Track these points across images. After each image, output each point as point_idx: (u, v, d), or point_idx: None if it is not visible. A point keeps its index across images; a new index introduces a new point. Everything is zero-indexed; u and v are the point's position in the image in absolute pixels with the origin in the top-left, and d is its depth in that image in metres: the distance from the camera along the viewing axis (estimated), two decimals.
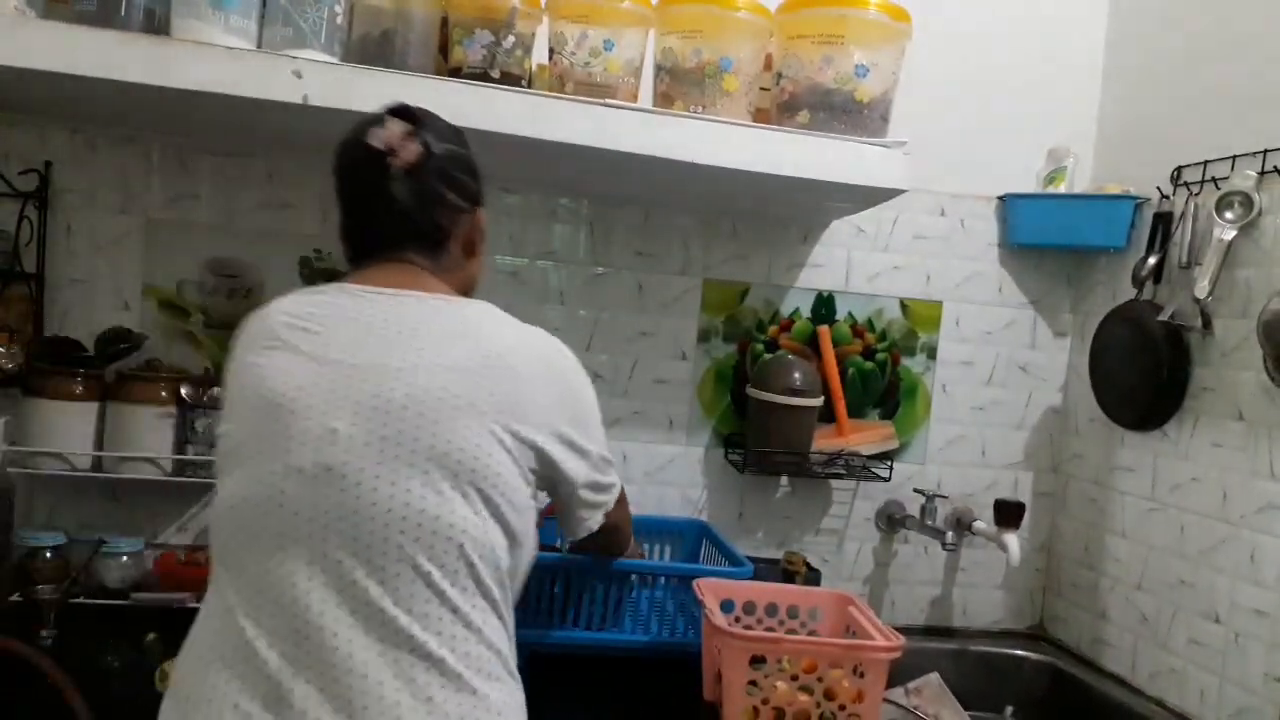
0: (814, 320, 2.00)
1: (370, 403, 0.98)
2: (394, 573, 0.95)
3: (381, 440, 0.97)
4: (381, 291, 1.06)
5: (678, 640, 1.64)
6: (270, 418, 0.99)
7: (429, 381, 0.99)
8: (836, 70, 1.51)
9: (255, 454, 0.99)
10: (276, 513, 0.96)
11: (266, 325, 1.06)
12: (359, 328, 1.03)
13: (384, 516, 0.95)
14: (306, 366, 1.01)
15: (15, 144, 1.67)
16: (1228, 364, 1.65)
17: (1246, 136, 1.63)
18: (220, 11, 1.34)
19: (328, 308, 1.06)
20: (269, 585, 0.95)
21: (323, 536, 0.95)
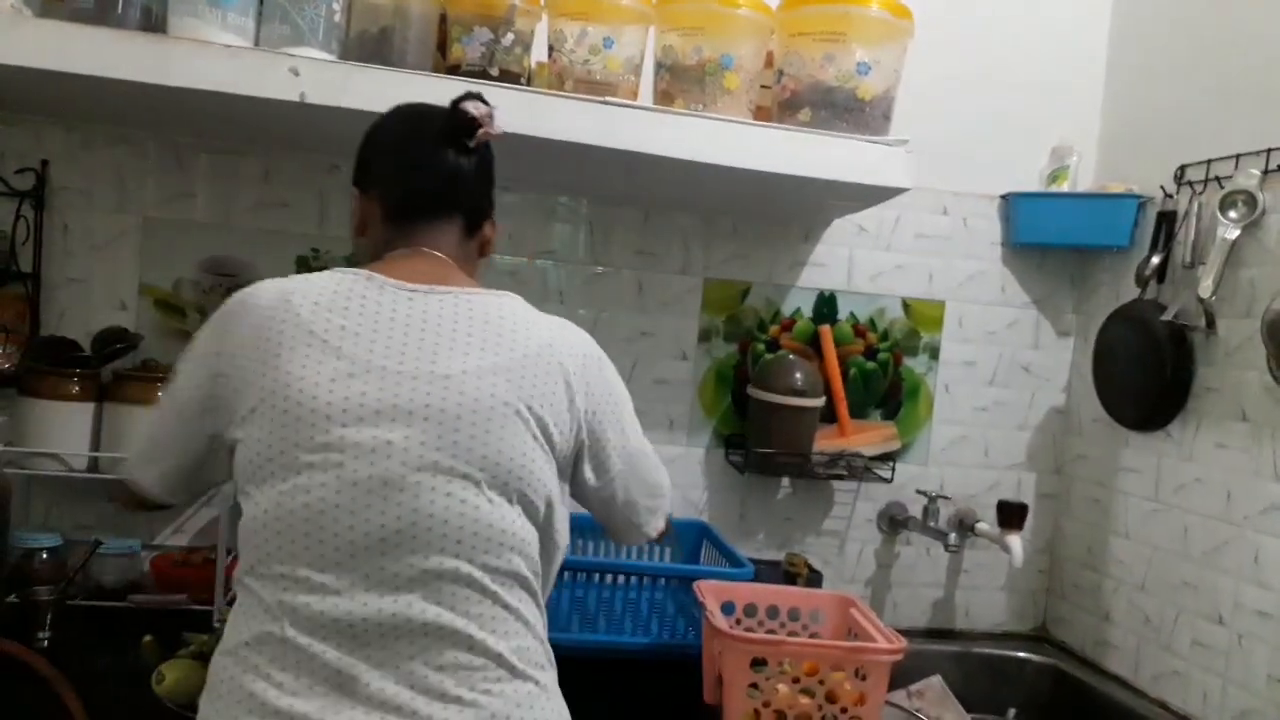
0: (815, 320, 1.99)
1: (422, 413, 0.98)
2: (449, 580, 0.97)
3: (436, 451, 0.98)
4: (414, 287, 1.05)
5: (678, 642, 1.64)
6: (314, 427, 0.97)
7: (477, 389, 1.00)
8: (838, 68, 1.50)
9: (299, 465, 0.97)
10: (331, 526, 0.95)
11: (295, 317, 1.01)
12: (399, 328, 1.02)
13: (441, 528, 0.97)
14: (352, 373, 0.98)
15: (11, 143, 1.66)
16: (1231, 364, 1.64)
17: (1250, 135, 1.62)
18: (217, 9, 1.33)
19: (361, 301, 1.03)
20: (324, 596, 0.95)
21: (380, 549, 0.95)
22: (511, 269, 1.87)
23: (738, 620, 1.58)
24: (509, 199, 1.86)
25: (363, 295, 1.03)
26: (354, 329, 1.01)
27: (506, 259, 1.86)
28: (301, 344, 1.00)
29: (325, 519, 0.96)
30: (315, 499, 0.96)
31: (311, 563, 0.96)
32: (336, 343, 1.00)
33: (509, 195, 1.86)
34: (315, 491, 0.96)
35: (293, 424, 0.98)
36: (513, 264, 1.87)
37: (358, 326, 1.01)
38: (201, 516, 1.75)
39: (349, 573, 0.95)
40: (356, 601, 0.95)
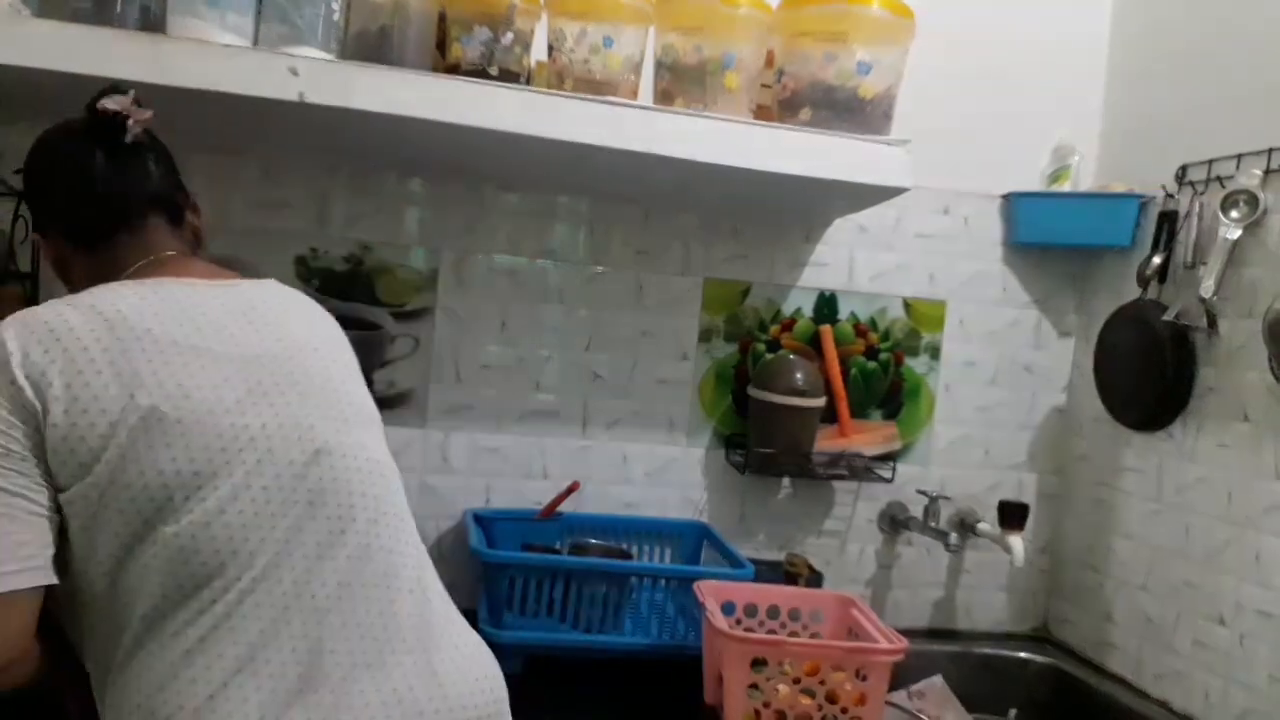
0: (816, 320, 1.99)
1: (305, 384, 1.04)
2: (388, 522, 1.08)
3: (342, 415, 1.05)
4: (211, 284, 1.06)
5: (678, 643, 1.63)
6: (227, 433, 0.96)
7: (329, 354, 1.11)
8: (839, 67, 1.50)
9: (234, 466, 0.95)
10: (289, 509, 0.98)
11: (143, 326, 0.96)
12: (235, 320, 1.04)
13: (368, 479, 1.05)
14: (228, 368, 0.99)
15: (10, 142, 1.64)
16: (1233, 364, 1.64)
17: (1252, 135, 1.62)
18: (216, 9, 1.33)
19: (174, 305, 1.00)
20: (280, 579, 0.96)
21: (337, 515, 1.01)
22: (511, 269, 1.86)
23: (738, 620, 1.57)
24: (509, 199, 1.86)
25: (169, 296, 1.03)
26: (201, 328, 1.03)
27: (506, 259, 1.86)
28: (170, 352, 1.01)
29: (276, 503, 1.02)
30: (265, 488, 1.02)
31: (266, 548, 1.02)
32: (194, 342, 1.03)
33: (509, 195, 1.86)
34: (262, 483, 1.02)
35: (195, 439, 1.00)
36: (513, 264, 1.87)
37: (199, 326, 1.03)
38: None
39: (305, 544, 1.02)
40: (314, 573, 1.01)
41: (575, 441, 1.90)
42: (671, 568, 1.81)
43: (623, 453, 1.92)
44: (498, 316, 1.86)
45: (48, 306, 0.97)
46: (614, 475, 1.92)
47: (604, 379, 1.91)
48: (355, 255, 1.79)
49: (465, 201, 1.84)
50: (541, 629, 1.59)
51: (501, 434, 1.87)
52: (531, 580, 1.60)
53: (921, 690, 1.78)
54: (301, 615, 0.95)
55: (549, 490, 1.83)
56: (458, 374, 1.85)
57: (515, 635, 1.56)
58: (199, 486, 0.93)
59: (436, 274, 1.83)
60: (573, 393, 1.90)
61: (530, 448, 1.89)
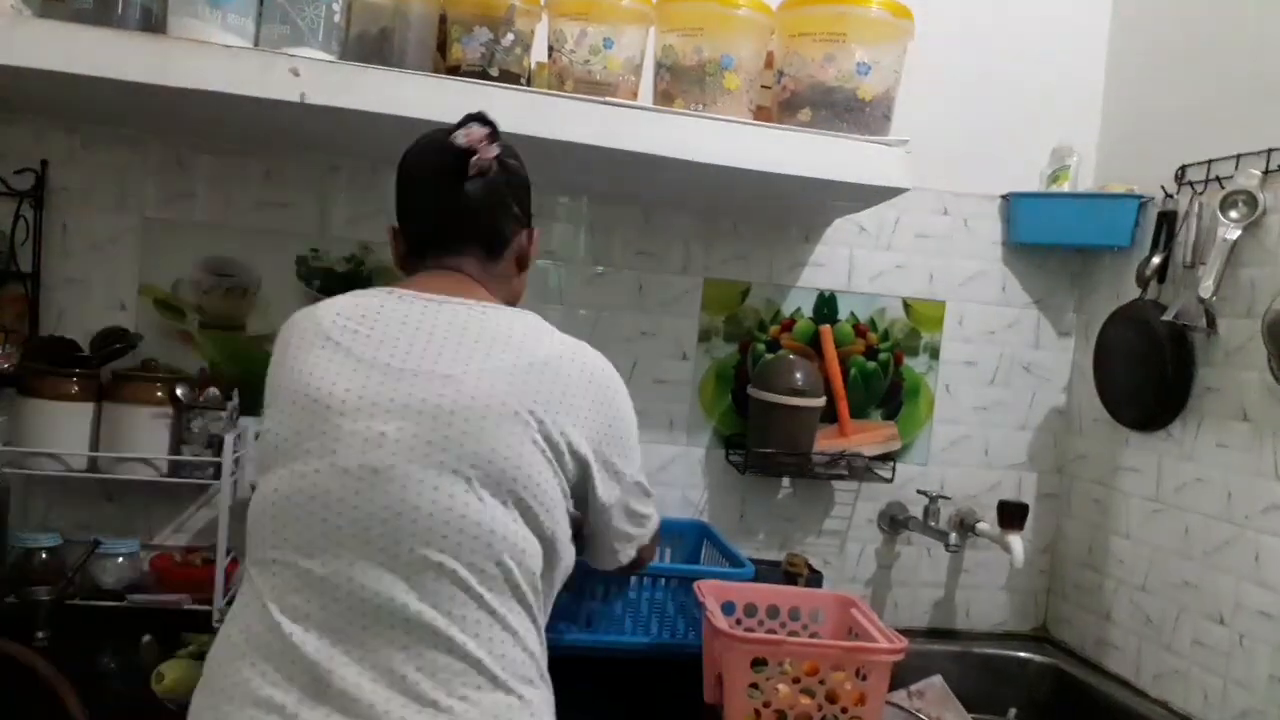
0: (816, 320, 1.99)
1: (418, 407, 1.00)
2: (433, 576, 0.96)
3: (427, 445, 0.98)
4: (431, 297, 1.08)
5: (678, 642, 1.63)
6: (318, 418, 1.00)
7: (475, 388, 1.01)
8: (838, 68, 1.50)
9: (300, 453, 1.00)
10: (320, 512, 0.97)
11: (317, 325, 1.07)
12: (408, 331, 1.05)
13: (426, 520, 0.97)
14: (356, 368, 1.02)
15: (11, 143, 1.66)
16: (1232, 364, 1.64)
17: (1251, 135, 1.62)
18: (217, 9, 1.33)
19: (378, 310, 1.07)
20: (309, 582, 0.96)
21: (365, 538, 0.96)
22: None
23: (738, 620, 1.57)
24: None
25: (380, 305, 1.08)
26: (365, 332, 1.05)
27: None
28: (316, 345, 1.05)
29: (315, 504, 0.98)
30: (308, 484, 0.99)
31: (300, 547, 0.97)
32: (347, 343, 1.04)
33: None
34: (309, 478, 0.99)
35: (295, 413, 1.02)
36: None
37: (369, 330, 1.05)
38: (201, 516, 1.75)
39: (334, 559, 0.96)
40: (340, 589, 0.95)
41: None
42: (671, 567, 1.81)
43: None
44: None
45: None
46: None
47: None
48: (356, 255, 1.80)
49: None
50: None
51: None
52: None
53: (921, 690, 1.78)
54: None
55: None
56: None
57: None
58: (278, 455, 1.02)
59: None
60: None
61: None
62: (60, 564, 1.58)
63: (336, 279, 1.79)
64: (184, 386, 1.62)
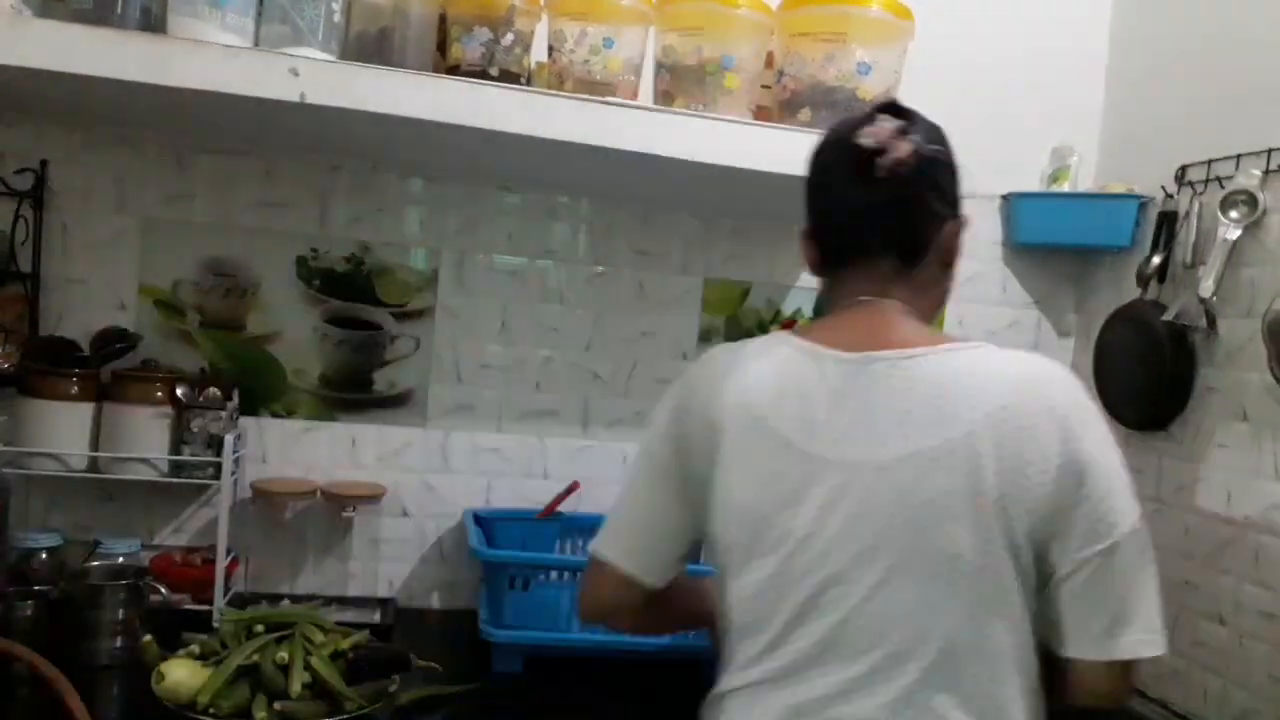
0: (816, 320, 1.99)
1: (857, 510, 0.92)
2: (883, 678, 0.91)
3: (873, 550, 0.91)
4: (850, 358, 0.97)
5: (678, 642, 1.63)
6: (765, 524, 0.96)
7: (916, 480, 0.91)
8: (839, 68, 1.50)
9: (753, 558, 0.97)
10: (782, 611, 0.95)
11: (744, 405, 0.99)
12: (845, 414, 0.95)
13: (877, 625, 0.91)
14: (798, 464, 0.95)
15: (11, 143, 1.66)
16: (1232, 364, 1.64)
17: (1251, 135, 1.62)
18: (217, 9, 1.33)
19: (799, 383, 0.98)
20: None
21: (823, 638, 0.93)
22: (512, 269, 1.87)
23: None
24: (509, 199, 1.86)
25: (801, 375, 0.99)
26: (795, 414, 0.97)
27: (507, 259, 1.86)
28: (749, 433, 0.98)
29: (771, 609, 0.96)
30: (767, 589, 0.96)
31: (772, 637, 0.96)
32: (784, 432, 0.96)
33: (509, 195, 1.86)
34: (766, 584, 0.96)
35: (739, 519, 0.98)
36: (513, 264, 1.87)
37: (800, 412, 0.97)
38: (201, 516, 1.75)
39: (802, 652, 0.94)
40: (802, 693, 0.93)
41: (575, 441, 1.91)
42: None
43: (623, 453, 1.92)
44: (498, 316, 1.86)
45: (723, 349, 1.08)
46: (614, 475, 1.92)
47: (604, 379, 1.91)
48: (356, 255, 1.80)
49: (465, 202, 1.84)
50: (541, 628, 1.59)
51: (502, 434, 1.88)
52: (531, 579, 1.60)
53: None
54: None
55: (549, 490, 1.83)
56: (458, 374, 1.85)
57: (515, 635, 1.57)
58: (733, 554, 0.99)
59: (437, 274, 1.83)
60: (573, 393, 1.90)
61: (530, 447, 1.89)
62: (60, 564, 1.58)
63: (336, 279, 1.79)
64: (184, 386, 1.62)
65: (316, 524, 1.79)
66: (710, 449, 1.01)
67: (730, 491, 1.00)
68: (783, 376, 1.00)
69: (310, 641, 1.37)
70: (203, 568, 1.64)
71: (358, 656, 1.39)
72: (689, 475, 1.04)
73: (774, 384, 0.99)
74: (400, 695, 1.38)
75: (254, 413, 1.76)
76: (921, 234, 1.03)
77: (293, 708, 1.28)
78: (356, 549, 1.82)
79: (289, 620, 1.41)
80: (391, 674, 1.40)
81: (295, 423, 1.79)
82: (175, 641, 1.40)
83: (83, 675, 1.30)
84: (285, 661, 1.32)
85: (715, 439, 1.01)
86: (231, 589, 1.66)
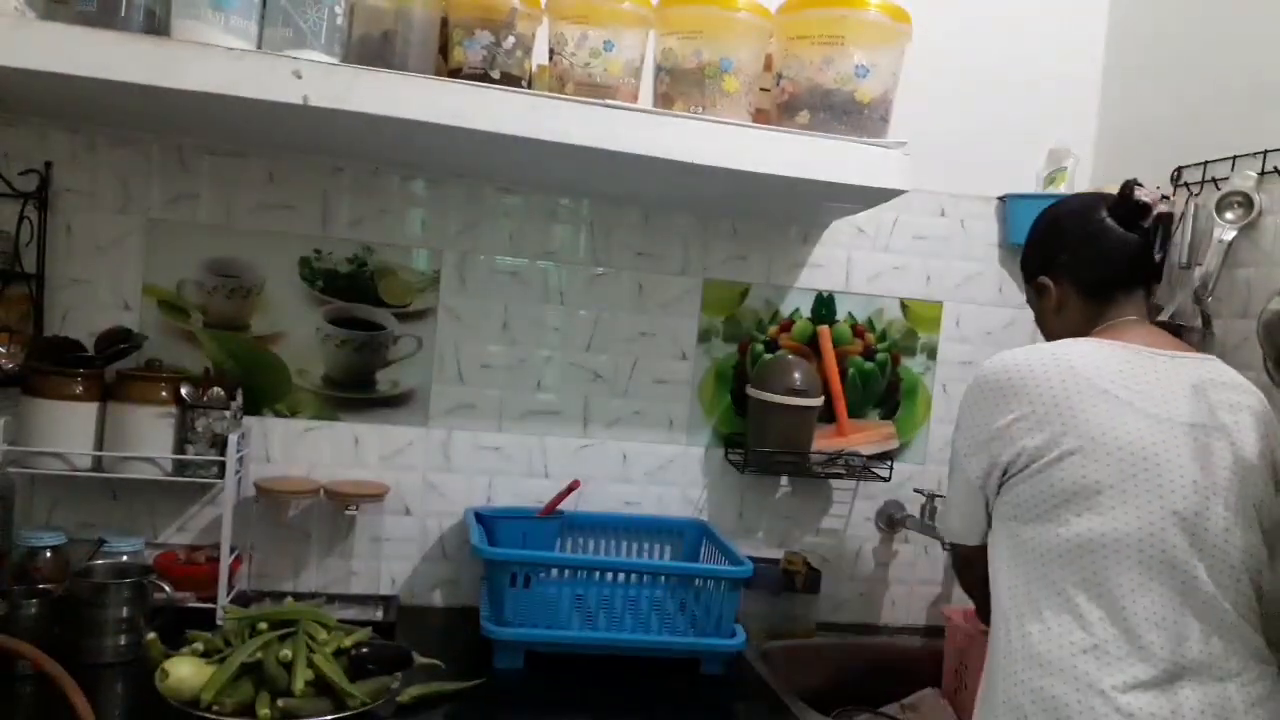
0: (814, 320, 2.00)
1: (1206, 458, 1.15)
2: (1236, 596, 1.13)
3: (1225, 490, 1.14)
4: (1161, 353, 1.23)
5: (677, 639, 1.64)
6: (1138, 466, 1.13)
7: (1237, 436, 1.17)
8: (837, 71, 1.51)
9: (1127, 495, 1.12)
10: (1160, 553, 1.11)
11: (1086, 382, 1.18)
12: (1159, 385, 1.19)
13: (1234, 556, 1.13)
14: (1155, 425, 1.16)
15: (15, 144, 1.67)
16: (1228, 364, 1.64)
17: (1247, 137, 1.63)
18: (220, 12, 1.34)
19: (1140, 369, 1.20)
20: (1140, 610, 1.10)
21: (1194, 574, 1.11)
22: (513, 270, 1.88)
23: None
24: (510, 200, 1.87)
25: (1136, 361, 1.21)
26: (1138, 388, 1.18)
27: (508, 260, 1.88)
28: (1112, 396, 1.17)
29: (1154, 544, 1.13)
30: (1147, 526, 1.13)
31: (1136, 582, 1.13)
32: (1132, 400, 1.17)
33: (510, 196, 1.87)
34: (1147, 520, 1.13)
35: (1112, 460, 1.14)
36: (514, 265, 1.88)
37: (1139, 385, 1.18)
38: (205, 515, 1.76)
39: (1167, 589, 1.12)
40: (1171, 615, 1.11)
41: (576, 440, 1.92)
42: (671, 565, 1.82)
43: (623, 452, 1.93)
44: (499, 317, 1.88)
45: (1023, 350, 1.24)
46: (614, 474, 1.94)
47: (604, 379, 1.92)
48: (359, 256, 1.81)
49: (467, 203, 1.85)
50: (542, 626, 1.61)
51: (503, 433, 1.89)
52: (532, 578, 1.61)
53: (914, 703, 1.79)
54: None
55: (550, 489, 1.85)
56: (460, 374, 1.86)
57: (516, 632, 1.58)
58: (1087, 504, 1.15)
59: (439, 275, 1.84)
60: (573, 392, 1.91)
61: (531, 447, 1.90)
62: (64, 562, 1.59)
63: (339, 280, 1.80)
64: (188, 386, 1.63)
65: (319, 522, 1.81)
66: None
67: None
68: (1112, 359, 1.22)
69: (313, 639, 1.38)
70: (206, 566, 1.66)
71: (360, 654, 1.40)
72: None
73: (1107, 364, 1.22)
74: (402, 692, 1.39)
75: (257, 412, 1.78)
76: (1160, 269, 1.35)
77: (296, 705, 1.29)
78: (359, 547, 1.83)
79: (292, 618, 1.42)
80: (394, 671, 1.41)
81: (298, 422, 1.80)
82: (179, 639, 1.42)
83: (87, 673, 1.32)
84: (288, 659, 1.33)
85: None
86: (235, 587, 1.68)
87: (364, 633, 1.44)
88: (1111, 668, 1.09)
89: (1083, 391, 1.17)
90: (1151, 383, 1.19)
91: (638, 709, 1.53)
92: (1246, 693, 1.10)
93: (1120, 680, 1.08)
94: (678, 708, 1.56)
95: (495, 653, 1.58)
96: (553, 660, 1.61)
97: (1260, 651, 1.15)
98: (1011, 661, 1.14)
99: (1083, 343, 1.25)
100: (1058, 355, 1.21)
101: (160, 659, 1.35)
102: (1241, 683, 1.11)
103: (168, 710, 1.29)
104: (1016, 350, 1.24)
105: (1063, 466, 1.15)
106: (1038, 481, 1.16)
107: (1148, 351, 1.23)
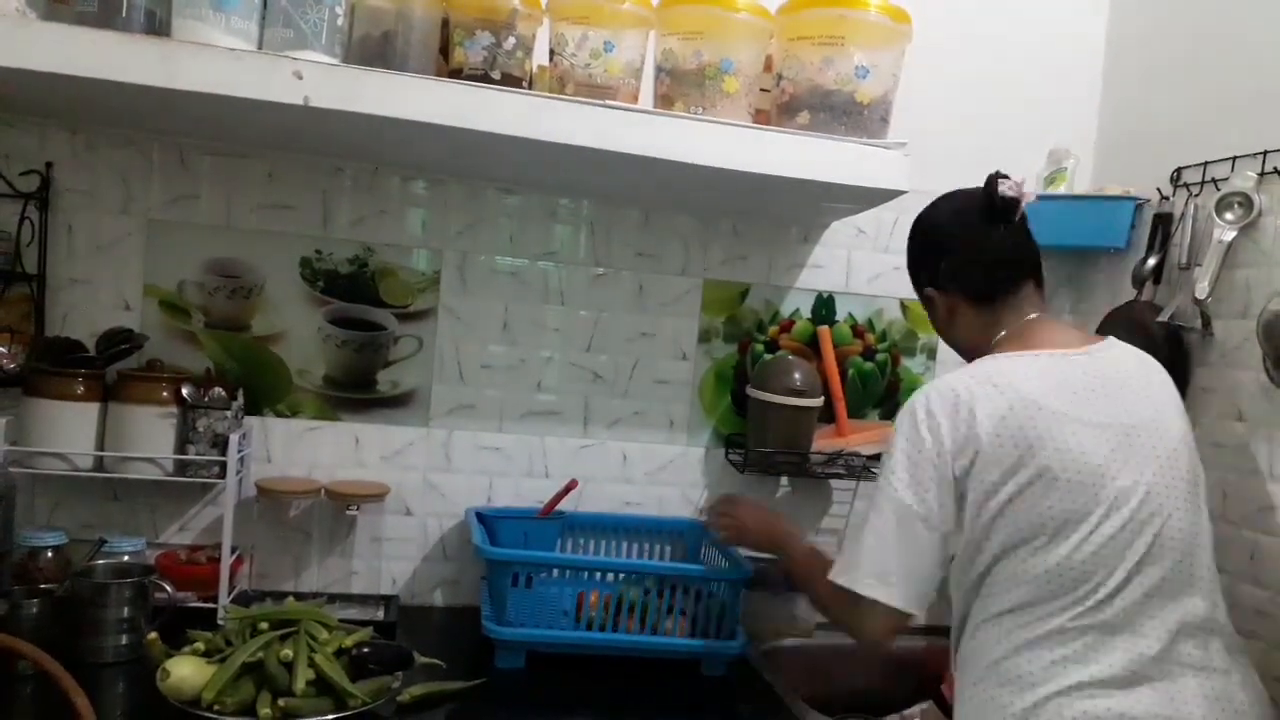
0: (814, 321, 2.00)
1: (1153, 453, 1.20)
2: (1203, 577, 1.20)
3: (1170, 483, 1.20)
4: (1075, 354, 1.26)
5: (677, 640, 1.64)
6: (1090, 485, 1.17)
7: (1172, 425, 1.24)
8: (837, 71, 1.51)
9: (1084, 517, 1.16)
10: (1137, 556, 1.16)
11: (1032, 404, 1.20)
12: (1095, 390, 1.22)
13: (1191, 540, 1.19)
14: (1097, 433, 1.18)
15: (16, 145, 1.67)
16: (1227, 364, 1.65)
17: (1246, 137, 1.63)
18: (221, 13, 1.34)
19: (1064, 376, 1.23)
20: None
21: (1165, 571, 1.17)
22: (513, 270, 1.88)
23: None
24: (511, 200, 1.87)
25: (1056, 366, 1.24)
26: (1071, 397, 1.21)
27: (508, 260, 1.88)
28: (1054, 415, 1.19)
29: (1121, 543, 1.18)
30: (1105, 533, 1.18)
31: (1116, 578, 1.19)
32: (1075, 413, 1.19)
33: (511, 197, 1.87)
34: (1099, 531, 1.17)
35: (1066, 486, 1.17)
36: (514, 265, 1.88)
37: (1071, 393, 1.21)
38: (206, 515, 1.76)
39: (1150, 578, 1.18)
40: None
41: (576, 441, 1.92)
42: (671, 566, 1.82)
43: (623, 452, 1.94)
44: (500, 317, 1.88)
45: (954, 376, 1.25)
46: (614, 474, 1.94)
47: (604, 379, 1.92)
48: (359, 257, 1.81)
49: (467, 203, 1.85)
50: (543, 625, 1.61)
51: (503, 433, 1.89)
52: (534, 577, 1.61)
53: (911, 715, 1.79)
54: (1124, 638, 1.15)
55: (550, 489, 1.85)
56: (460, 374, 1.87)
57: (517, 632, 1.58)
58: (1064, 526, 1.17)
59: (439, 275, 1.84)
60: (573, 392, 1.92)
61: (532, 447, 1.90)
62: (65, 562, 1.60)
63: (340, 280, 1.80)
64: (189, 386, 1.63)
65: (320, 522, 1.81)
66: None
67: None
68: (1046, 373, 1.25)
69: (314, 639, 1.38)
70: (207, 566, 1.66)
71: (361, 653, 1.40)
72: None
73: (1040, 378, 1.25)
74: (403, 692, 1.39)
75: (258, 412, 1.78)
76: (1041, 262, 1.38)
77: (297, 705, 1.29)
78: (360, 547, 1.83)
79: (293, 618, 1.42)
80: (395, 671, 1.41)
81: (299, 422, 1.80)
82: (180, 639, 1.41)
83: (88, 672, 1.32)
84: (289, 659, 1.33)
85: None
86: (236, 587, 1.68)
87: (365, 632, 1.45)
88: (1084, 665, 1.13)
89: (1034, 418, 1.18)
90: (1079, 389, 1.22)
91: (638, 710, 1.54)
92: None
93: (1089, 675, 1.13)
94: (678, 709, 1.56)
95: (496, 652, 1.58)
96: (554, 660, 1.61)
97: (1240, 643, 1.23)
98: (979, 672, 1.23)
99: (1002, 359, 1.27)
100: (993, 379, 1.22)
101: (161, 659, 1.35)
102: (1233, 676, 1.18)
103: (169, 710, 1.29)
104: (953, 378, 1.25)
105: (1026, 499, 1.17)
106: (1015, 516, 1.19)
107: (1060, 355, 1.25)
